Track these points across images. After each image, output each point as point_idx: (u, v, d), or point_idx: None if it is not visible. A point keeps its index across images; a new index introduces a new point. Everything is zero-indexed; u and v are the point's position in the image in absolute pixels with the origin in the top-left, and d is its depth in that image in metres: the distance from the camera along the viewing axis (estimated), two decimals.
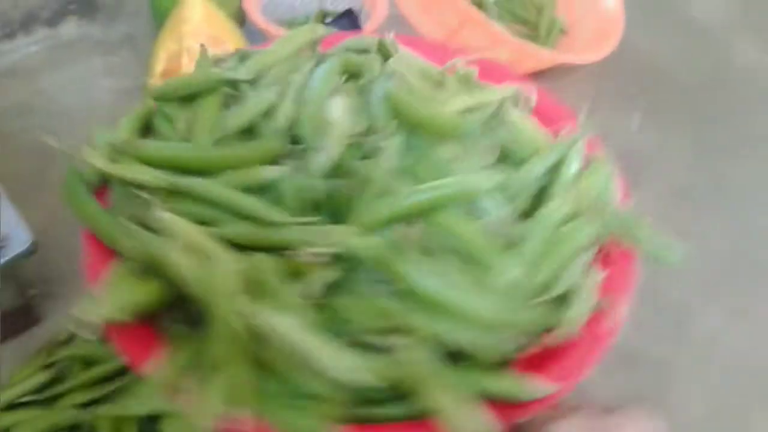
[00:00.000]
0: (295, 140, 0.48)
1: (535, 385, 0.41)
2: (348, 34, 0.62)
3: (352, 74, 0.53)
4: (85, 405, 0.53)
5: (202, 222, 0.44)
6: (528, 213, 0.49)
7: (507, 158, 0.52)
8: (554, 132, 0.56)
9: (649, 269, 0.71)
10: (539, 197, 0.50)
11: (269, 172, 0.45)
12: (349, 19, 0.86)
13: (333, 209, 0.46)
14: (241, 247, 0.43)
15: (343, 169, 0.46)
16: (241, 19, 0.86)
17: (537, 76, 0.88)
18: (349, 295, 0.42)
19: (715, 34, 1.07)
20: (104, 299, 0.41)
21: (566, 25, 0.97)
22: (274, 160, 0.46)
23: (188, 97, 0.51)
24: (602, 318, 0.47)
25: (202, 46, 0.56)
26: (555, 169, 0.51)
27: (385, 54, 0.55)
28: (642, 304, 0.68)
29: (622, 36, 0.90)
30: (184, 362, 0.40)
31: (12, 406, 0.53)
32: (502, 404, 0.41)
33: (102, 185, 0.49)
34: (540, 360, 0.44)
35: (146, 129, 0.52)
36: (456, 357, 0.42)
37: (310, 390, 0.39)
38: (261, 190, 0.46)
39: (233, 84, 0.51)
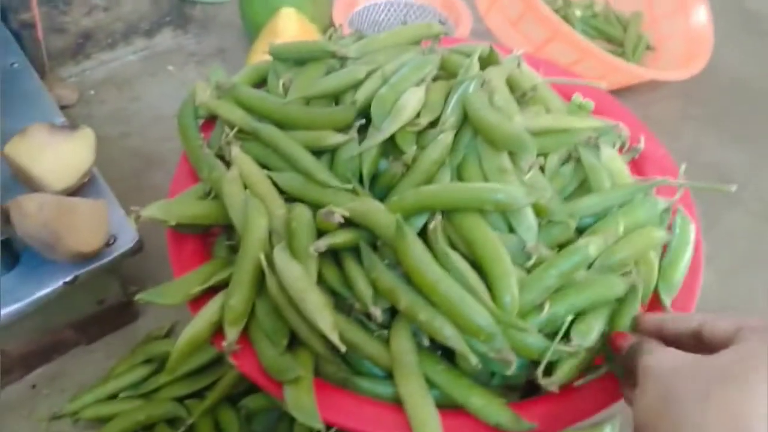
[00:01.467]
0: (369, 117, 0.51)
1: (517, 420, 0.40)
2: (457, 39, 0.63)
3: (450, 73, 0.55)
4: (182, 398, 0.55)
5: (265, 166, 0.51)
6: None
7: (585, 190, 0.52)
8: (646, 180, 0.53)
9: (747, 292, 0.68)
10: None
11: (332, 138, 0.50)
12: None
13: (383, 187, 0.49)
14: (288, 195, 0.49)
15: (398, 152, 0.49)
16: None
17: (624, 92, 0.87)
18: (360, 264, 0.44)
19: None
20: (167, 205, 0.48)
21: (653, 42, 0.95)
22: (342, 129, 0.50)
23: (299, 61, 0.57)
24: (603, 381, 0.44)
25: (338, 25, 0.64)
26: (621, 213, 0.48)
27: (487, 62, 0.56)
28: None
29: (712, 53, 0.88)
30: (210, 278, 0.46)
31: (113, 398, 0.56)
32: (473, 422, 0.41)
33: (211, 119, 0.57)
34: (532, 399, 0.43)
35: (262, 82, 0.59)
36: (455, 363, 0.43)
37: (300, 336, 0.43)
38: (324, 152, 0.50)
39: (341, 58, 0.56)
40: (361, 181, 0.49)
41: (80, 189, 0.58)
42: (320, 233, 0.45)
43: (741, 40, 1.04)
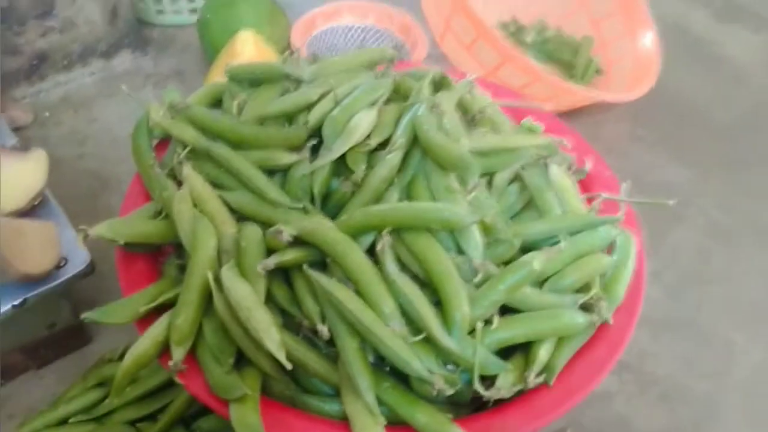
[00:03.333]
0: (321, 137, 0.52)
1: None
2: (411, 63, 0.65)
3: (403, 96, 0.57)
4: (134, 422, 0.54)
5: (217, 185, 0.51)
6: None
7: (532, 209, 0.53)
8: (591, 198, 0.56)
9: (693, 306, 0.71)
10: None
11: (284, 158, 0.51)
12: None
13: (334, 207, 0.50)
14: (240, 214, 0.50)
15: (349, 172, 0.50)
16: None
17: (575, 113, 0.90)
18: (308, 282, 0.45)
19: (750, 73, 1.08)
20: (116, 224, 0.49)
21: (603, 65, 0.99)
22: (294, 149, 0.51)
23: (254, 82, 0.58)
24: (552, 390, 0.45)
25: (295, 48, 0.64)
26: (565, 234, 0.50)
27: (440, 86, 0.58)
28: (686, 340, 0.68)
29: (659, 76, 0.91)
30: (158, 297, 0.46)
31: (63, 422, 0.55)
32: None
33: (166, 139, 0.57)
34: (477, 414, 0.44)
35: (216, 103, 0.60)
36: (404, 380, 0.44)
37: (248, 355, 0.43)
38: (277, 172, 0.52)
39: (296, 81, 0.57)
40: (312, 200, 0.50)
41: (31, 211, 0.57)
42: (271, 252, 0.46)
43: (687, 64, 1.08)
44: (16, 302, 0.51)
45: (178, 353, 0.43)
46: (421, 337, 0.42)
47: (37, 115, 0.85)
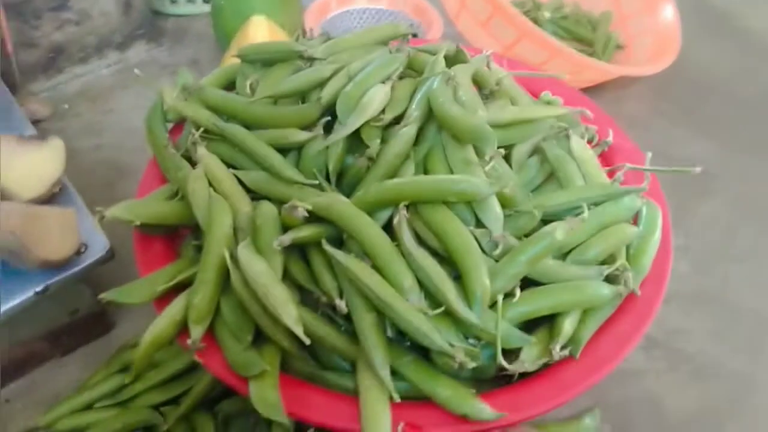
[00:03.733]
0: (335, 115, 0.51)
1: (483, 409, 0.40)
2: (427, 40, 0.64)
3: (418, 71, 0.56)
4: (158, 406, 0.54)
5: (232, 165, 0.51)
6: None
7: (554, 181, 0.52)
8: (614, 170, 0.54)
9: (721, 280, 0.70)
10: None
11: (298, 135, 0.50)
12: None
13: (350, 183, 0.50)
14: (255, 193, 0.49)
15: (363, 148, 0.49)
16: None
17: (596, 89, 0.88)
18: (326, 258, 0.44)
19: None
20: (132, 206, 0.49)
21: (623, 41, 0.97)
22: (307, 126, 0.51)
23: (268, 62, 0.58)
24: (578, 363, 0.44)
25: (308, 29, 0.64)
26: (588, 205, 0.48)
27: (455, 60, 0.57)
28: (718, 315, 0.67)
29: (681, 49, 0.89)
30: (175, 277, 0.46)
31: (88, 408, 0.55)
32: (442, 413, 0.41)
33: (181, 122, 0.57)
34: (500, 389, 0.44)
35: (230, 84, 0.59)
36: (425, 354, 0.43)
37: (266, 332, 0.43)
38: (291, 150, 0.51)
39: (309, 59, 0.56)
40: (327, 177, 0.49)
41: (51, 199, 0.57)
42: (286, 229, 0.45)
43: (709, 38, 1.05)
44: (38, 289, 0.51)
45: (197, 332, 0.42)
46: (440, 310, 0.41)
47: (56, 108, 0.85)
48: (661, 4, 0.94)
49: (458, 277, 0.43)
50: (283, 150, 0.50)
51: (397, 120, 0.51)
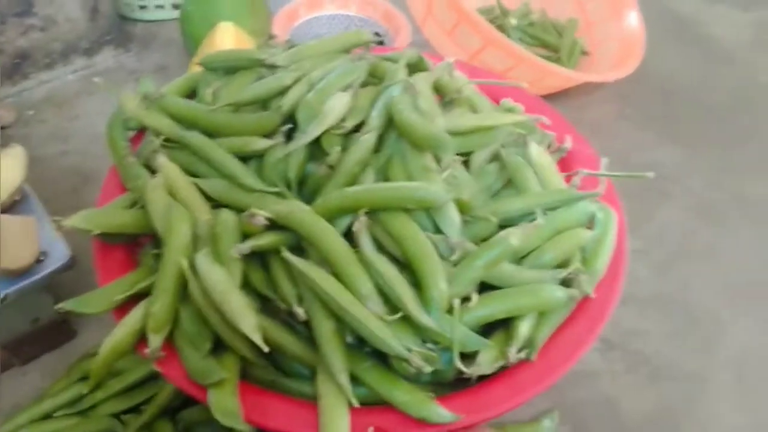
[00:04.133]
0: (296, 122, 0.52)
1: (441, 412, 0.41)
2: (392, 48, 0.64)
3: (380, 79, 0.56)
4: (119, 414, 0.54)
5: (193, 174, 0.51)
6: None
7: (511, 187, 0.53)
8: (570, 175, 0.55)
9: (680, 283, 0.71)
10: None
11: (258, 143, 0.51)
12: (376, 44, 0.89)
13: (310, 191, 0.50)
14: (216, 202, 0.49)
15: (324, 156, 0.49)
16: None
17: (561, 96, 0.90)
18: (285, 266, 0.45)
19: (737, 53, 1.07)
20: (90, 215, 0.48)
21: (588, 47, 0.98)
22: (268, 134, 0.51)
23: (229, 70, 0.58)
24: (534, 366, 0.45)
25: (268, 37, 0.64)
26: (543, 211, 0.49)
27: (416, 68, 0.58)
28: (675, 318, 0.68)
29: (645, 56, 0.91)
30: (134, 286, 0.46)
31: (48, 417, 0.55)
32: (401, 417, 0.42)
33: (142, 131, 0.57)
34: (458, 392, 0.44)
35: (193, 93, 0.59)
36: (383, 359, 0.43)
37: (225, 340, 0.43)
38: (252, 158, 0.51)
39: (270, 67, 0.56)
40: (288, 185, 0.49)
41: (11, 207, 0.57)
42: (246, 237, 0.45)
43: (673, 45, 1.07)
44: None
45: (156, 340, 0.42)
46: (398, 316, 0.42)
47: (21, 114, 0.85)
48: (625, 11, 0.96)
49: (417, 283, 0.44)
50: (244, 158, 0.50)
51: (358, 128, 0.51)
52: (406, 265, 0.45)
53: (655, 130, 0.91)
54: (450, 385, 0.46)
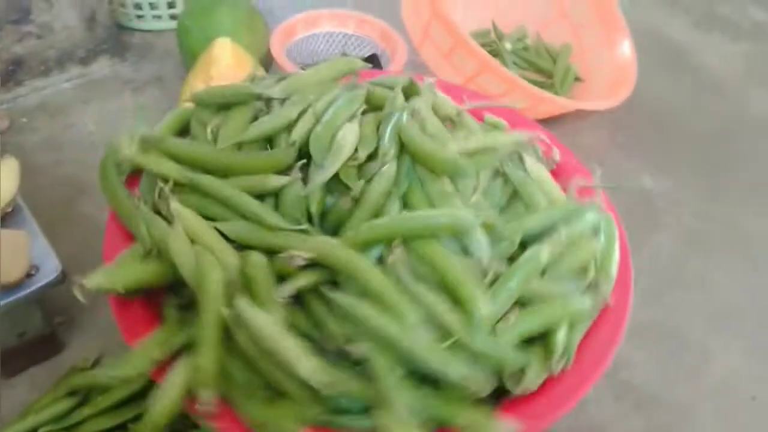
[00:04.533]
0: (307, 156, 0.52)
1: (503, 425, 0.41)
2: (382, 71, 0.65)
3: (376, 106, 0.57)
4: (106, 431, 0.53)
5: (208, 217, 0.50)
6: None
7: (517, 201, 0.55)
8: (565, 185, 0.58)
9: (669, 312, 0.72)
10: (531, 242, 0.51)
11: (275, 181, 0.50)
12: (372, 65, 0.89)
13: (331, 223, 0.50)
14: (238, 244, 0.48)
15: (342, 187, 0.50)
16: (267, 62, 0.89)
17: (553, 121, 0.90)
18: (326, 303, 0.45)
19: (728, 83, 1.09)
20: (111, 272, 0.45)
21: (582, 73, 0.99)
22: (283, 171, 0.51)
23: (224, 106, 0.57)
24: (572, 373, 0.47)
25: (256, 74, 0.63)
26: (560, 224, 0.52)
27: (409, 92, 0.59)
28: (661, 346, 0.69)
29: (637, 84, 0.92)
30: (170, 342, 0.44)
31: None
32: None
33: (135, 174, 0.55)
34: (509, 401, 0.45)
35: (184, 130, 0.58)
36: (435, 384, 0.44)
37: (283, 388, 0.42)
38: (266, 196, 0.51)
39: (266, 100, 0.56)
40: (309, 220, 0.50)
41: (2, 220, 0.57)
42: (279, 278, 0.45)
43: (665, 73, 1.09)
44: None
45: (207, 394, 0.41)
46: (450, 341, 0.42)
47: (14, 121, 0.84)
48: (619, 38, 0.97)
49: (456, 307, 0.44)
50: (257, 197, 0.50)
51: (370, 157, 0.52)
52: (442, 291, 0.45)
53: (645, 158, 0.92)
54: (486, 398, 0.46)
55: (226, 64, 0.76)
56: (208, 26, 0.83)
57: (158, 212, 0.51)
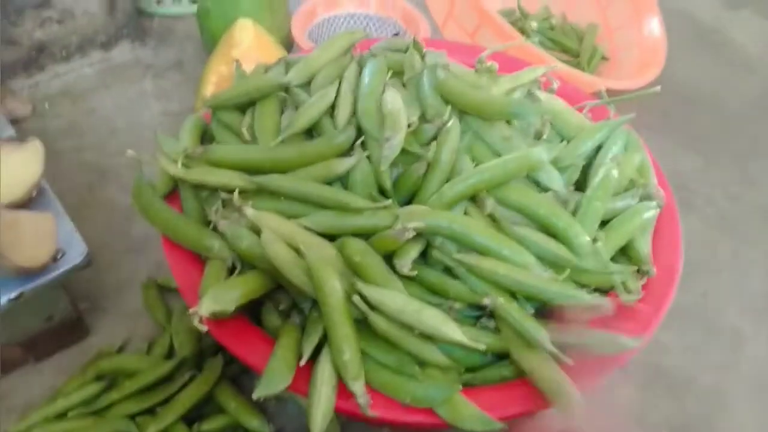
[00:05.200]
0: (356, 132, 0.52)
1: (623, 338, 0.43)
2: (379, 39, 0.65)
3: (395, 71, 0.57)
4: (134, 415, 0.53)
5: (284, 216, 0.48)
6: (579, 185, 0.53)
7: (550, 135, 0.56)
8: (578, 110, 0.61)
9: (700, 295, 0.70)
10: (585, 171, 0.54)
11: (343, 165, 0.49)
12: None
13: (403, 193, 0.50)
14: (323, 234, 0.47)
15: (409, 155, 0.50)
16: (288, 44, 0.88)
17: None
18: (431, 268, 0.47)
19: (758, 61, 1.06)
20: (217, 295, 0.43)
21: (608, 53, 0.97)
22: (343, 153, 0.51)
23: (246, 104, 0.55)
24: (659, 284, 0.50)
25: (236, 62, 0.61)
26: (599, 147, 0.56)
27: (419, 52, 0.59)
28: (692, 331, 0.67)
29: (666, 63, 0.90)
30: (300, 348, 0.43)
31: (62, 416, 0.54)
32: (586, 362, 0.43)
33: (170, 192, 0.53)
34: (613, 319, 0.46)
35: (203, 137, 0.56)
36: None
37: (426, 359, 0.43)
38: (333, 181, 0.50)
39: (286, 88, 0.55)
40: (386, 195, 0.50)
41: (28, 203, 0.56)
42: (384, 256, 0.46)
43: (695, 52, 1.06)
44: (12, 296, 0.50)
45: (358, 386, 0.41)
46: (566, 273, 0.46)
47: (36, 107, 0.84)
48: (647, 17, 0.95)
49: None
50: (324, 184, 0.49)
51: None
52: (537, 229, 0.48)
53: (675, 138, 0.90)
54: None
55: (248, 45, 0.75)
56: (229, 8, 0.82)
57: (209, 224, 0.49)
